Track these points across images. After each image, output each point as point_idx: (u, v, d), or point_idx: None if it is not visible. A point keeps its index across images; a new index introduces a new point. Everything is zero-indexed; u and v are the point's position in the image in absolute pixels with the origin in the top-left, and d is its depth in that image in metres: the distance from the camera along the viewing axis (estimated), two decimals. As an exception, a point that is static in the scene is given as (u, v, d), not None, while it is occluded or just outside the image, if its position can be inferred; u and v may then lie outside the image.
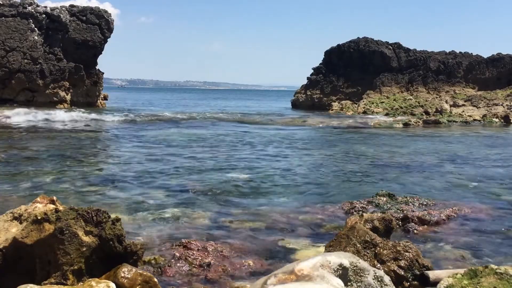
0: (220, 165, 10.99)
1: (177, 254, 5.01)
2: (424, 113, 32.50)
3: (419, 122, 26.92)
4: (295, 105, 44.26)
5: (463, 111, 32.80)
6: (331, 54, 43.62)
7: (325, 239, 5.42)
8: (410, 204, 7.29)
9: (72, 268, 3.46)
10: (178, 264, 4.79)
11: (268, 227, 6.20)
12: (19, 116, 22.45)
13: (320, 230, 6.09)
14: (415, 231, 6.08)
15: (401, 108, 34.58)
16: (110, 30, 35.05)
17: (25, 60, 29.89)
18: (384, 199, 7.50)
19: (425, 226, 6.27)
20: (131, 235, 5.33)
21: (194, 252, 5.07)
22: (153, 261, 4.85)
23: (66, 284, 3.39)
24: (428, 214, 6.71)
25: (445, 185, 9.01)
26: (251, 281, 4.29)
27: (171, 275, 4.53)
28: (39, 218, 3.66)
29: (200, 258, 4.94)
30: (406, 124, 25.42)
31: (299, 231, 6.02)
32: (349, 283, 3.21)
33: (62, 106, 31.80)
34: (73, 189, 8.14)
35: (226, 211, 6.95)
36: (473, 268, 3.42)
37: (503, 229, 6.25)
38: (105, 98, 37.39)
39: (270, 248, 5.37)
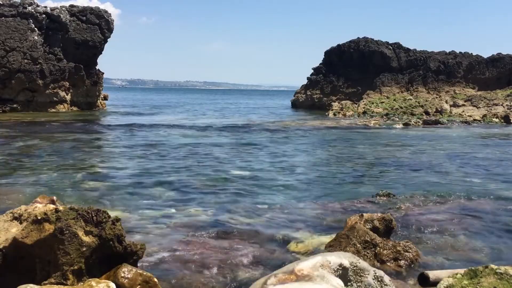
0: (220, 165, 10.99)
1: (177, 253, 5.01)
2: (424, 113, 32.48)
3: (419, 122, 26.88)
4: (295, 105, 44.27)
5: (463, 111, 32.78)
6: (331, 54, 43.61)
7: (325, 238, 5.42)
8: (410, 203, 7.29)
9: (72, 268, 3.46)
10: (178, 263, 4.79)
11: (268, 224, 6.21)
12: None
13: (320, 229, 6.08)
14: (415, 231, 6.07)
15: (401, 108, 34.56)
16: (110, 30, 35.04)
17: (25, 60, 29.86)
18: (384, 199, 7.50)
19: (426, 225, 6.27)
20: (131, 234, 5.33)
21: (194, 250, 5.07)
22: (153, 261, 4.84)
23: (66, 284, 3.38)
24: (428, 213, 6.71)
25: (445, 185, 9.01)
26: (251, 279, 4.28)
27: (171, 274, 4.53)
28: (39, 218, 3.66)
29: (200, 256, 4.94)
30: (406, 124, 25.39)
31: (299, 228, 6.02)
32: (349, 283, 3.20)
33: (62, 106, 31.80)
34: (73, 188, 8.15)
35: (226, 208, 6.96)
36: (473, 268, 3.41)
37: (503, 227, 6.25)
38: (105, 98, 37.37)
39: (270, 245, 5.37)
